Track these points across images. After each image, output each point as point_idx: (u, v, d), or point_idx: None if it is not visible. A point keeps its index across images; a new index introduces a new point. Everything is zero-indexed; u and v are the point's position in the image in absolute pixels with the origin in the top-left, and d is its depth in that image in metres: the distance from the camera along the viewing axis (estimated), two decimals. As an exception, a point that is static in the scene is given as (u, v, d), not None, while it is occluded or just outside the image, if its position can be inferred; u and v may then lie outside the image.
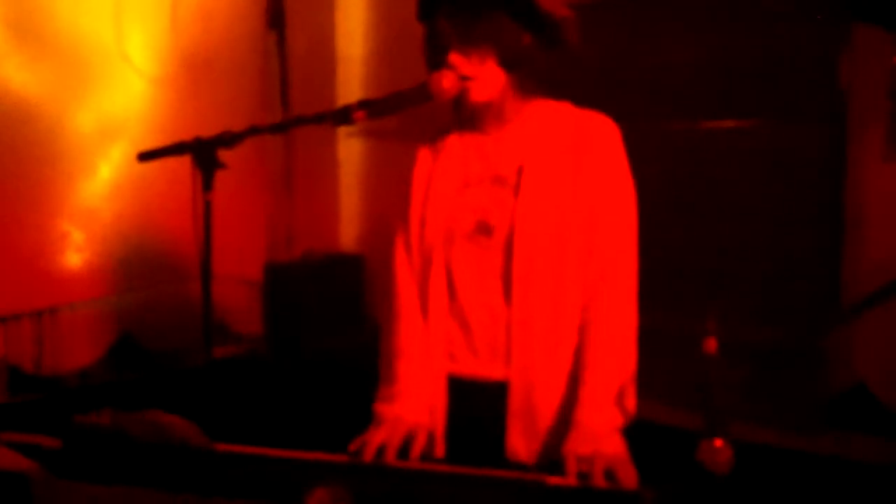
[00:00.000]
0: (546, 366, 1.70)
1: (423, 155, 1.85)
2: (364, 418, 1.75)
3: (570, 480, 1.48)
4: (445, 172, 1.79)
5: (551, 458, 1.68)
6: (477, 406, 1.75)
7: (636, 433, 1.68)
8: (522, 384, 1.70)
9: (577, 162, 1.71)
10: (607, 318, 1.68)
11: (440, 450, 1.74)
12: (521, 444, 1.71)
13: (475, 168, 1.77)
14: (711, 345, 1.36)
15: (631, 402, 1.68)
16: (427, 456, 1.66)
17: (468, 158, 1.79)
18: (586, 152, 1.71)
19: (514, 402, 1.71)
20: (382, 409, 1.74)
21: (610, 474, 1.48)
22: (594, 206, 1.70)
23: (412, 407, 1.72)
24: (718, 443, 1.34)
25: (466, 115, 1.78)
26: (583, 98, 1.80)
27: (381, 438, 1.60)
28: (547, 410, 1.70)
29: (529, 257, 1.68)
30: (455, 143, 1.82)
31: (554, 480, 1.46)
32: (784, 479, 2.76)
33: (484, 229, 1.72)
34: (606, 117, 1.75)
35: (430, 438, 1.71)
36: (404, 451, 1.62)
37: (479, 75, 1.68)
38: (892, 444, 2.76)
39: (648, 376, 1.73)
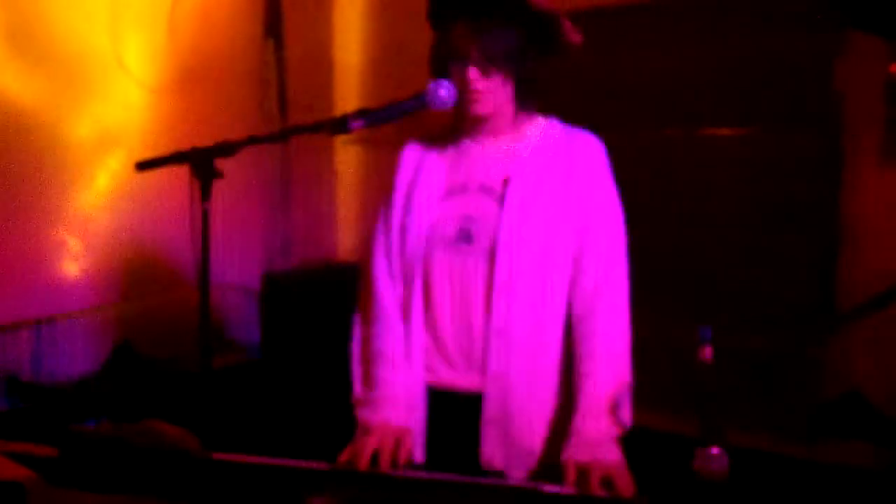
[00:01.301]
0: (522, 375, 1.70)
1: (408, 160, 1.85)
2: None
3: (568, 488, 1.49)
4: (430, 179, 1.80)
5: (528, 465, 1.70)
6: (452, 415, 1.75)
7: (633, 441, 1.68)
8: (498, 393, 1.71)
9: (564, 177, 1.73)
10: (602, 330, 1.69)
11: (419, 455, 1.75)
12: (496, 452, 1.72)
13: (461, 176, 1.78)
14: (707, 352, 1.36)
15: (627, 412, 1.68)
16: (411, 462, 1.67)
17: (454, 166, 1.80)
18: (574, 168, 1.73)
19: (489, 410, 1.71)
20: (368, 415, 1.74)
21: (607, 482, 1.48)
22: (582, 222, 1.72)
23: (397, 412, 1.72)
24: (714, 450, 1.34)
25: (466, 125, 1.79)
26: (581, 105, 1.82)
27: (373, 446, 1.60)
28: (522, 419, 1.71)
29: (511, 267, 1.69)
30: (441, 150, 1.82)
31: (551, 488, 1.46)
32: (779, 485, 2.76)
33: (465, 237, 1.73)
34: (592, 134, 1.78)
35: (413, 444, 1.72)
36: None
37: (491, 88, 1.69)
38: (886, 451, 2.76)
39: (644, 384, 1.74)
